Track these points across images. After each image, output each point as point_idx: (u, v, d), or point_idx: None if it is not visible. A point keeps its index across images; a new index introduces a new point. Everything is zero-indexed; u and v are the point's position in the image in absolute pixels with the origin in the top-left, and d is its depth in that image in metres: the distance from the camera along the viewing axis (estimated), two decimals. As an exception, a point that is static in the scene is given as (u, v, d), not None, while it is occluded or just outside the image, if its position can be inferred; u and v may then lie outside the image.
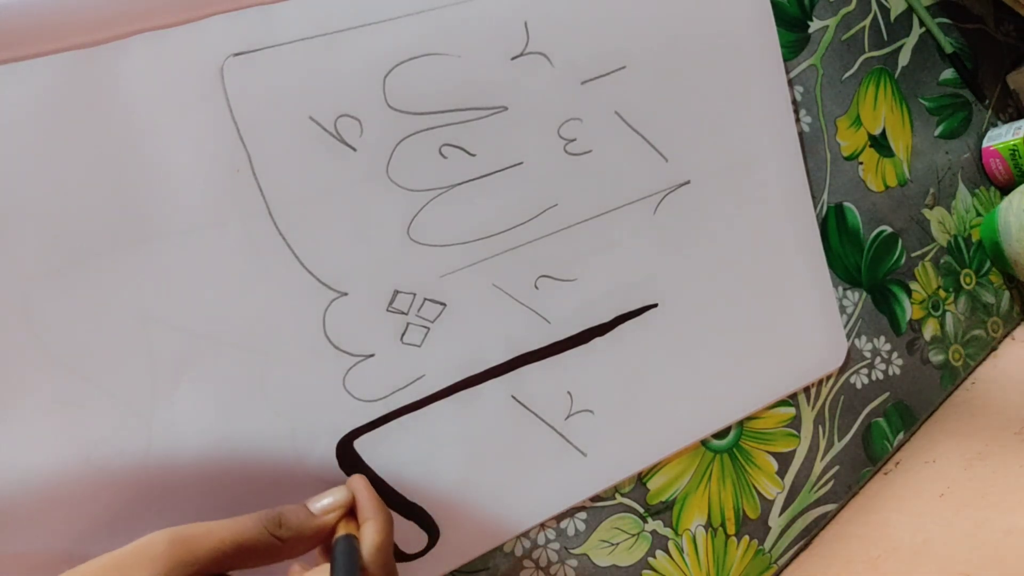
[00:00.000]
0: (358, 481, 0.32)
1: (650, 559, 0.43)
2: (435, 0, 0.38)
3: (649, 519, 0.43)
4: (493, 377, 0.39)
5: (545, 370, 0.40)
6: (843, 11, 0.50)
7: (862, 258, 0.50)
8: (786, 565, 0.46)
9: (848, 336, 0.48)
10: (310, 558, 0.33)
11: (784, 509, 0.46)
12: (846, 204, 0.49)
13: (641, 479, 0.43)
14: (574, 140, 0.41)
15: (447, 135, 0.38)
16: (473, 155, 0.39)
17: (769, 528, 0.45)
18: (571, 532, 0.41)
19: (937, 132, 0.53)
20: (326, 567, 0.28)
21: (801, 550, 0.46)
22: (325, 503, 0.31)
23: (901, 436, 0.49)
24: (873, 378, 0.49)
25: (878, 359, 0.49)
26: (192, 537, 0.26)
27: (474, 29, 0.39)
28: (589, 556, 0.41)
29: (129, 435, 0.33)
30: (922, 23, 0.53)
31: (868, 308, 0.49)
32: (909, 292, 0.51)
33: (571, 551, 0.41)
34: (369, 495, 0.31)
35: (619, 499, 0.42)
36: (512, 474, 0.39)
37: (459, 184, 0.39)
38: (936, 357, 0.51)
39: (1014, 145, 0.53)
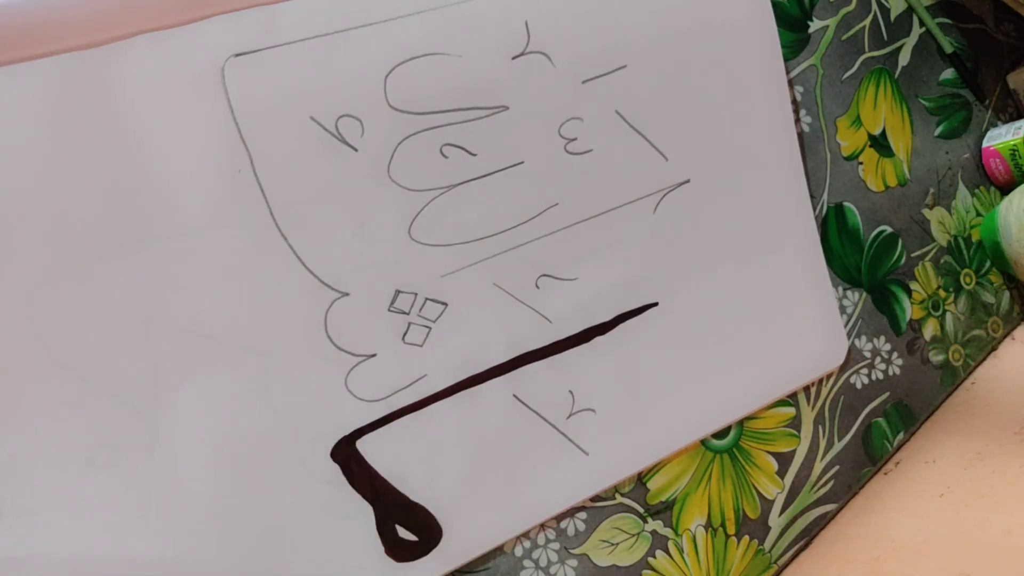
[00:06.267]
0: None
1: (650, 559, 0.43)
2: (436, 0, 0.38)
3: (649, 519, 0.43)
4: (495, 376, 0.39)
5: (547, 369, 0.40)
6: (843, 11, 0.50)
7: (862, 258, 0.50)
8: (786, 565, 0.46)
9: (848, 336, 0.48)
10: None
11: (784, 509, 0.46)
12: (846, 204, 0.49)
13: (641, 479, 0.43)
14: (575, 139, 0.41)
15: (448, 135, 0.38)
16: (474, 155, 0.39)
17: (769, 528, 0.46)
18: (571, 532, 0.41)
19: (937, 132, 0.53)
20: None
21: (801, 550, 0.46)
22: None
23: (901, 436, 0.50)
24: (873, 378, 0.49)
25: (878, 359, 0.49)
26: None
27: (475, 29, 0.39)
28: (589, 556, 0.42)
29: (131, 437, 0.33)
30: (922, 23, 0.53)
31: (868, 308, 0.49)
32: (909, 292, 0.51)
33: (571, 551, 0.41)
34: None
35: (619, 499, 0.42)
36: (514, 473, 0.39)
37: (460, 184, 0.39)
38: (936, 357, 0.51)
39: (1014, 145, 0.53)
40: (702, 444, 0.44)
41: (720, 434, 0.45)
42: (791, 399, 0.47)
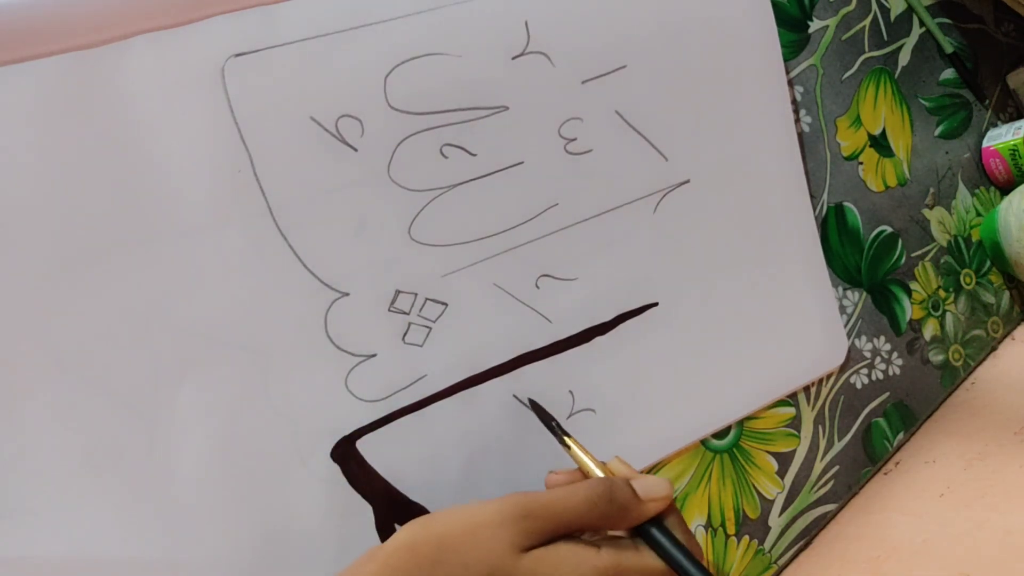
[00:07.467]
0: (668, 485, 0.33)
1: (651, 559, 0.43)
2: (436, 0, 0.38)
3: (649, 519, 0.43)
4: (495, 376, 0.39)
5: (547, 369, 0.40)
6: (843, 11, 0.50)
7: (862, 258, 0.50)
8: (786, 565, 0.46)
9: (848, 336, 0.48)
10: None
11: (784, 509, 0.46)
12: (846, 204, 0.49)
13: (641, 479, 0.43)
14: (574, 139, 0.41)
15: (448, 135, 0.38)
16: (474, 155, 0.39)
17: (769, 528, 0.45)
18: (571, 532, 0.41)
19: (937, 132, 0.53)
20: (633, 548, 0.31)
21: (801, 550, 0.46)
22: (653, 491, 0.32)
23: (901, 436, 0.50)
24: (873, 378, 0.49)
25: (878, 359, 0.49)
26: (538, 508, 0.30)
27: (475, 29, 0.39)
28: (590, 556, 0.41)
29: (131, 437, 0.33)
30: (922, 23, 0.53)
31: (868, 308, 0.49)
32: (909, 292, 0.51)
33: (572, 551, 0.41)
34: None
35: (620, 499, 0.42)
36: (514, 474, 0.39)
37: (460, 184, 0.39)
38: (936, 357, 0.51)
39: (1014, 145, 0.53)
40: (702, 444, 0.44)
41: (720, 434, 0.45)
42: (791, 399, 0.47)
